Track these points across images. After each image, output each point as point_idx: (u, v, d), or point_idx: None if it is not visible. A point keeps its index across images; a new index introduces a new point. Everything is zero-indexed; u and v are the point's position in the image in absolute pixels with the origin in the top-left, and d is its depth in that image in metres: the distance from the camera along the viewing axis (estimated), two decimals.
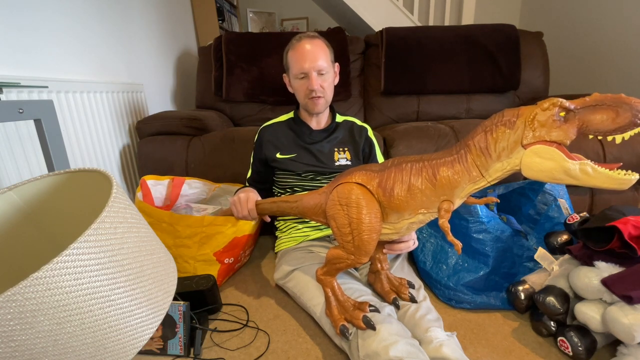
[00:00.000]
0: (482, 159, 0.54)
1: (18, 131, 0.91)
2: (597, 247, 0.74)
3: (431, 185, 0.58)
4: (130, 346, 0.47)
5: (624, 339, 0.64)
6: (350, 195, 0.63)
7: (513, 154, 0.51)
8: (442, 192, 0.58)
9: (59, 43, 1.09)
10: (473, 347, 0.76)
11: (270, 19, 3.82)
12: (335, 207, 0.66)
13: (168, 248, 0.93)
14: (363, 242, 0.63)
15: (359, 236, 0.63)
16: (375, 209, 0.63)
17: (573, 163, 0.47)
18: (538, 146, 0.49)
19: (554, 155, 0.48)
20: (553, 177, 0.49)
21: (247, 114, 1.69)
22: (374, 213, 0.63)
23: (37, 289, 0.38)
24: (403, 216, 0.62)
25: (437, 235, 1.00)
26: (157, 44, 1.75)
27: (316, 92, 0.92)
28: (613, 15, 1.81)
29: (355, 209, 0.63)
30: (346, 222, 0.64)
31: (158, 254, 0.55)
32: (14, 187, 0.58)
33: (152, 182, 1.10)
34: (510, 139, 0.51)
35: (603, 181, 0.46)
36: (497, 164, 0.53)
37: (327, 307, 0.72)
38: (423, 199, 0.59)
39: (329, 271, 0.71)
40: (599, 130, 0.46)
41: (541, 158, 0.49)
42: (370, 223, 0.62)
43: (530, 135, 0.49)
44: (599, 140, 1.17)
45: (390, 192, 0.62)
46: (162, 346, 0.76)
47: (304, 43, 0.92)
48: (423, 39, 1.65)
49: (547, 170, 0.49)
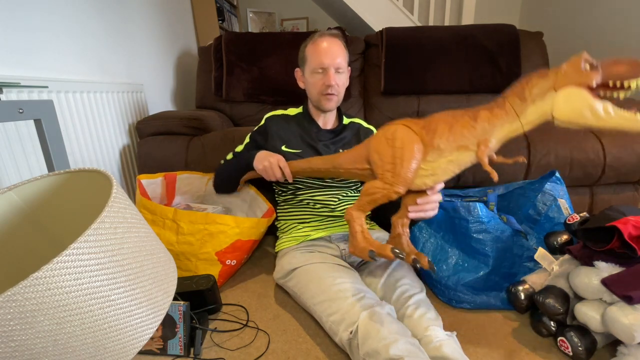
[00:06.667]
0: (518, 103, 0.62)
1: (18, 131, 0.91)
2: (597, 247, 0.74)
3: (472, 125, 0.65)
4: (130, 346, 0.47)
5: (624, 339, 0.64)
6: (396, 131, 0.71)
7: (546, 98, 0.59)
8: (481, 131, 0.64)
9: (59, 43, 1.09)
10: (473, 347, 0.76)
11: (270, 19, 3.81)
12: (380, 141, 0.74)
13: (171, 245, 0.93)
14: (403, 169, 0.69)
15: (400, 164, 0.69)
16: (417, 141, 0.69)
17: (598, 102, 0.55)
18: (569, 88, 0.56)
19: (582, 95, 0.55)
20: (581, 115, 0.56)
21: (247, 114, 1.69)
22: (416, 144, 0.69)
23: (37, 289, 0.38)
24: (443, 154, 0.67)
25: (437, 235, 1.00)
26: (157, 44, 1.75)
27: (332, 88, 0.93)
28: (613, 15, 1.81)
29: (399, 141, 0.70)
30: (389, 152, 0.71)
31: (158, 254, 0.55)
32: (14, 187, 0.58)
33: (147, 182, 1.09)
34: (544, 85, 0.59)
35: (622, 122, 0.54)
36: (531, 107, 0.60)
37: (352, 241, 0.75)
38: (463, 137, 0.66)
39: (362, 205, 0.75)
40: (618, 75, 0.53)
41: (571, 98, 0.56)
42: (412, 151, 0.68)
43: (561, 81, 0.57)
44: (599, 140, 1.17)
45: (434, 131, 0.68)
46: (162, 346, 0.76)
47: (326, 39, 0.94)
48: (423, 39, 1.65)
49: (576, 108, 0.56)
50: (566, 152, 1.16)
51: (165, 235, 0.93)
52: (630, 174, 1.20)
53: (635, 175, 1.21)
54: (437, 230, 1.00)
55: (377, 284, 0.83)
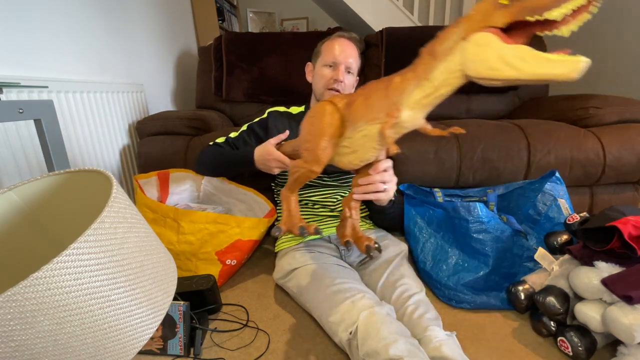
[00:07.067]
0: (429, 62, 0.51)
1: (18, 131, 0.91)
2: (597, 247, 0.74)
3: (384, 94, 0.56)
4: (130, 346, 0.47)
5: (624, 339, 0.64)
6: (316, 109, 0.67)
7: (456, 50, 0.47)
8: (392, 99, 0.55)
9: (59, 43, 1.09)
10: (473, 347, 0.76)
11: (270, 19, 3.82)
12: (305, 119, 0.71)
13: (171, 244, 0.93)
14: (314, 147, 0.65)
15: (312, 141, 0.65)
16: (332, 119, 0.64)
17: (509, 48, 0.41)
18: (477, 35, 0.44)
19: (489, 40, 0.43)
20: (491, 67, 0.43)
21: (247, 114, 1.69)
22: (329, 119, 0.64)
23: (37, 289, 0.38)
24: (357, 127, 0.62)
25: (437, 235, 1.00)
26: (157, 44, 1.75)
27: (338, 84, 0.95)
28: (613, 15, 1.81)
29: (314, 118, 0.66)
30: (306, 130, 0.68)
31: (158, 254, 0.55)
32: (14, 187, 0.58)
33: (142, 181, 1.09)
34: (454, 36, 0.47)
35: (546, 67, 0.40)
36: (441, 65, 0.49)
37: (282, 218, 0.75)
38: (376, 108, 0.58)
39: (289, 185, 0.73)
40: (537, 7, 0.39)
41: (479, 46, 0.44)
42: (321, 127, 0.64)
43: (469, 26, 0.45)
44: (599, 140, 1.17)
45: (352, 104, 0.62)
46: (162, 346, 0.76)
47: (345, 40, 0.98)
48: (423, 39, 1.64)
49: (484, 59, 0.43)
50: (566, 152, 1.16)
51: (165, 235, 0.93)
52: (630, 174, 1.20)
53: (635, 175, 1.21)
54: (437, 230, 1.00)
55: (377, 284, 0.83)
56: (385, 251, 0.91)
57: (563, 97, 1.51)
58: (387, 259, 0.89)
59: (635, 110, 1.25)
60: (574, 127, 1.24)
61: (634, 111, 1.25)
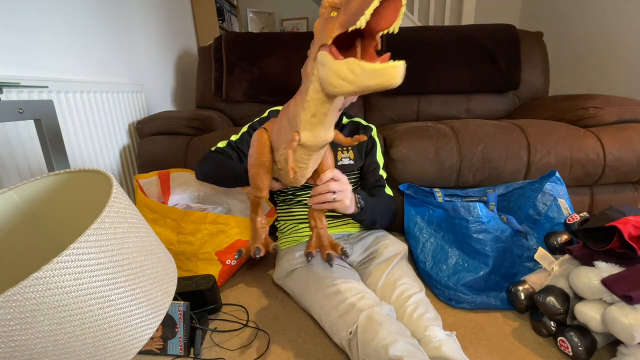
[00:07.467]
0: (305, 83, 0.50)
1: (18, 131, 0.91)
2: (597, 247, 0.74)
3: (287, 121, 0.57)
4: (130, 346, 0.47)
5: (624, 339, 0.64)
6: (254, 137, 0.69)
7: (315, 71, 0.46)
8: (292, 122, 0.55)
9: (59, 43, 1.09)
10: (473, 347, 0.76)
11: (270, 19, 3.82)
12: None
13: (171, 244, 0.93)
14: (252, 175, 0.68)
15: (251, 170, 0.68)
16: (263, 147, 0.66)
17: (340, 63, 0.41)
18: (319, 54, 0.43)
19: (326, 59, 0.42)
20: (334, 85, 0.42)
21: (247, 114, 1.69)
22: (260, 151, 0.66)
23: (37, 289, 0.38)
24: (279, 151, 0.63)
25: (437, 235, 1.00)
26: (157, 44, 1.75)
27: None
28: (613, 15, 1.81)
29: (252, 148, 0.68)
30: (249, 158, 0.70)
31: (158, 254, 0.55)
32: (14, 187, 0.58)
33: (143, 181, 1.09)
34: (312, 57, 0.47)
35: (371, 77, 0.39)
36: (311, 85, 0.48)
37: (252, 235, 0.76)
38: (284, 133, 0.59)
39: (251, 209, 0.75)
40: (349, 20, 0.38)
41: (322, 65, 0.43)
42: (256, 158, 0.67)
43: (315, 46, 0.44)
44: (599, 140, 1.17)
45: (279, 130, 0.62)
46: (162, 346, 0.76)
47: None
48: (423, 39, 1.65)
49: (327, 77, 0.42)
50: (566, 152, 1.16)
51: (165, 235, 0.93)
52: (630, 174, 1.20)
53: (635, 175, 1.21)
54: (437, 230, 1.00)
55: (377, 284, 0.83)
56: (385, 251, 0.91)
57: (563, 97, 1.51)
58: (387, 259, 0.89)
59: (635, 110, 1.25)
60: (574, 127, 1.24)
61: (634, 111, 1.25)
